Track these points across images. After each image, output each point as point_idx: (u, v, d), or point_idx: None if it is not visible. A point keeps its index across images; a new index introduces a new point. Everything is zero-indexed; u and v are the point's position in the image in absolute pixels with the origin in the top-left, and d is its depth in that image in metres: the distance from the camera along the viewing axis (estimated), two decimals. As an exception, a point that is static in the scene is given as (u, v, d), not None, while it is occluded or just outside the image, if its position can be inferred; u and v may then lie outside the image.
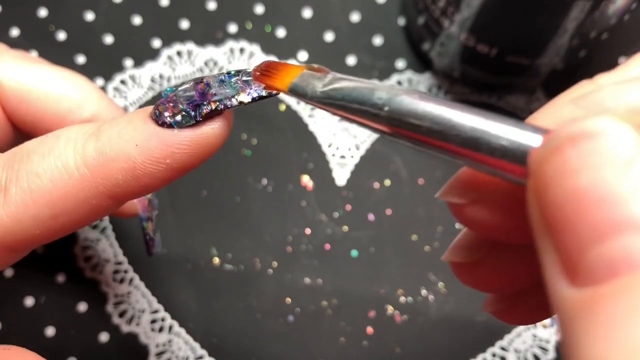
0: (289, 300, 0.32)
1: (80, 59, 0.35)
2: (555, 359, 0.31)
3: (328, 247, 0.33)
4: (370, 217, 0.33)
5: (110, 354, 0.32)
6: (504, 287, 0.18)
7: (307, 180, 0.33)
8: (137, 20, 0.35)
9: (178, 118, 0.17)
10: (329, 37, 0.35)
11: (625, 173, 0.11)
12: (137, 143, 0.17)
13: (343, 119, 0.16)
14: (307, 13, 0.35)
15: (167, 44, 0.35)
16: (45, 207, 0.17)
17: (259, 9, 0.35)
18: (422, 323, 0.32)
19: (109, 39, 0.35)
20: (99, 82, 0.34)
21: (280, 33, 0.35)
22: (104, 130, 0.18)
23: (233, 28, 0.35)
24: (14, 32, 0.35)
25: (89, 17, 0.35)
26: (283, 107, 0.34)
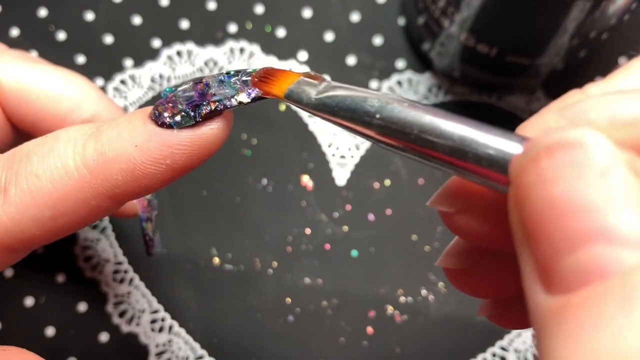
0: (289, 300, 0.32)
1: (80, 59, 0.35)
2: None
3: (328, 247, 0.33)
4: (370, 217, 0.33)
5: (110, 354, 0.32)
6: (496, 292, 0.18)
7: (307, 180, 0.33)
8: (137, 20, 0.35)
9: (177, 118, 0.17)
10: (329, 37, 0.35)
11: (599, 184, 0.11)
12: (136, 144, 0.17)
13: (337, 126, 0.17)
14: (307, 13, 0.35)
15: (167, 44, 0.35)
16: (45, 207, 0.17)
17: (259, 9, 0.35)
18: (422, 323, 0.32)
19: (109, 39, 0.35)
20: (99, 82, 0.34)
21: (280, 33, 0.35)
22: (104, 131, 0.18)
23: (233, 28, 0.35)
24: (14, 32, 0.35)
25: (89, 17, 0.35)
26: (283, 107, 0.34)
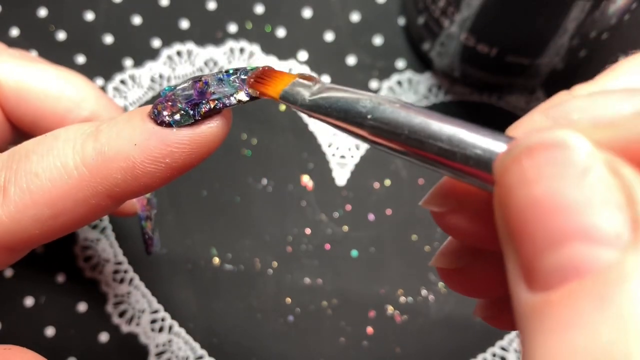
0: (289, 300, 0.32)
1: (80, 59, 0.35)
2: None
3: (328, 247, 0.33)
4: (370, 217, 0.33)
5: (110, 354, 0.32)
6: (490, 292, 0.18)
7: (307, 180, 0.33)
8: (137, 20, 0.35)
9: (177, 117, 0.17)
10: (329, 37, 0.35)
11: (578, 184, 0.12)
12: (135, 142, 0.17)
13: (331, 126, 0.17)
14: (307, 13, 0.35)
15: (167, 44, 0.35)
16: (45, 207, 0.17)
17: (259, 9, 0.35)
18: (422, 323, 0.32)
19: (109, 39, 0.35)
20: (99, 82, 0.34)
21: (280, 33, 0.35)
22: (103, 130, 0.18)
23: (233, 28, 0.35)
24: (14, 32, 0.35)
25: (89, 17, 0.35)
26: (283, 107, 0.34)
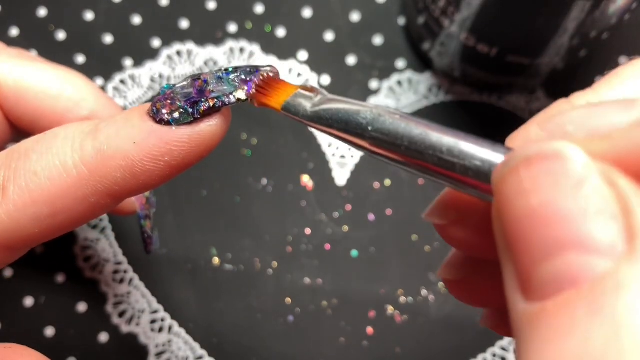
0: (289, 300, 0.32)
1: (80, 59, 0.35)
2: None
3: (328, 247, 0.33)
4: (371, 217, 0.33)
5: (110, 354, 0.32)
6: (495, 302, 0.18)
7: (307, 180, 0.33)
8: (136, 20, 0.35)
9: (176, 115, 0.17)
10: (329, 37, 0.35)
11: (573, 195, 0.12)
12: (135, 141, 0.17)
13: (332, 137, 0.17)
14: (307, 13, 0.35)
15: (166, 44, 0.35)
16: (44, 205, 0.17)
17: (259, 9, 0.35)
18: (422, 323, 0.32)
19: (109, 39, 0.35)
20: (99, 81, 0.34)
21: (280, 33, 0.35)
22: (102, 129, 0.18)
23: (233, 28, 0.35)
24: (14, 31, 0.35)
25: (89, 16, 0.35)
26: (283, 107, 0.34)
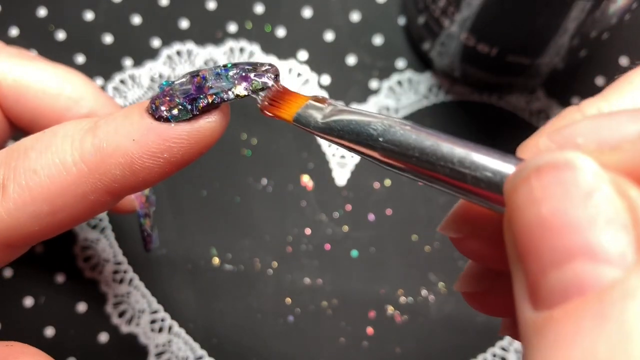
0: (289, 300, 0.32)
1: (80, 59, 0.35)
2: None
3: (328, 247, 0.33)
4: (371, 217, 0.33)
5: (110, 355, 0.32)
6: (515, 312, 0.18)
7: (307, 180, 0.33)
8: (136, 20, 0.35)
9: (175, 112, 0.17)
10: (329, 37, 0.35)
11: (583, 204, 0.12)
12: (134, 138, 0.17)
13: (343, 148, 0.17)
14: (307, 13, 0.35)
15: (166, 44, 0.35)
16: (44, 203, 0.17)
17: (259, 9, 0.35)
18: (422, 323, 0.32)
19: (109, 39, 0.35)
20: (99, 81, 0.34)
21: (280, 33, 0.35)
22: (101, 126, 0.18)
23: (233, 28, 0.35)
24: (14, 31, 0.35)
25: (89, 16, 0.35)
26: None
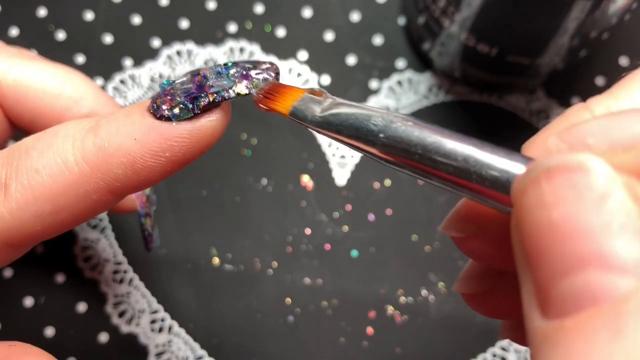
0: (289, 300, 0.32)
1: (80, 59, 0.35)
2: None
3: (328, 247, 0.33)
4: (371, 217, 0.33)
5: (110, 355, 0.32)
6: (515, 314, 0.18)
7: (307, 180, 0.33)
8: (136, 20, 0.35)
9: (176, 111, 0.17)
10: (329, 37, 0.35)
11: (596, 209, 0.11)
12: (135, 137, 0.17)
13: (341, 143, 0.16)
14: (307, 13, 0.35)
15: (166, 44, 0.35)
16: (46, 203, 0.17)
17: (259, 9, 0.35)
18: (422, 323, 0.32)
19: (109, 39, 0.35)
20: (99, 81, 0.34)
21: (280, 33, 0.35)
22: (102, 126, 0.18)
23: (233, 28, 0.35)
24: (14, 31, 0.35)
25: (89, 16, 0.35)
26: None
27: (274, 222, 0.33)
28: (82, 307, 0.32)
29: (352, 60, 0.35)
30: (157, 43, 0.35)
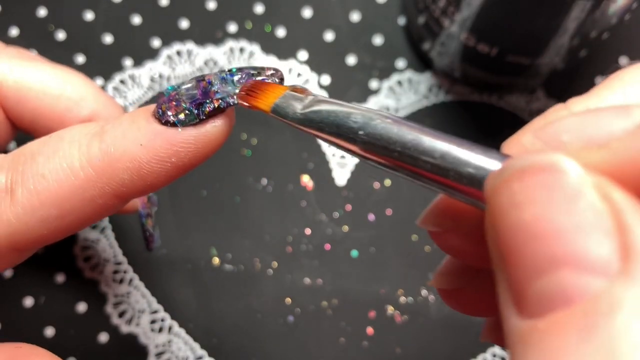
0: (289, 301, 0.32)
1: (80, 59, 0.35)
2: None
3: (328, 247, 0.33)
4: (371, 217, 0.33)
5: (110, 355, 0.32)
6: (492, 311, 0.18)
7: (307, 180, 0.33)
8: (136, 20, 0.35)
9: (181, 117, 0.18)
10: (329, 36, 0.35)
11: (567, 209, 0.11)
12: (141, 143, 0.17)
13: (323, 141, 0.17)
14: (307, 13, 0.35)
15: (166, 44, 0.35)
16: (52, 207, 0.17)
17: (259, 9, 0.35)
18: (422, 323, 0.32)
19: (109, 39, 0.35)
20: (99, 81, 0.34)
21: (280, 33, 0.35)
22: (108, 131, 0.18)
23: (233, 28, 0.35)
24: (14, 31, 0.35)
25: (89, 16, 0.35)
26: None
27: (274, 222, 0.33)
28: (82, 307, 0.32)
29: (352, 60, 0.35)
30: (157, 43, 0.35)
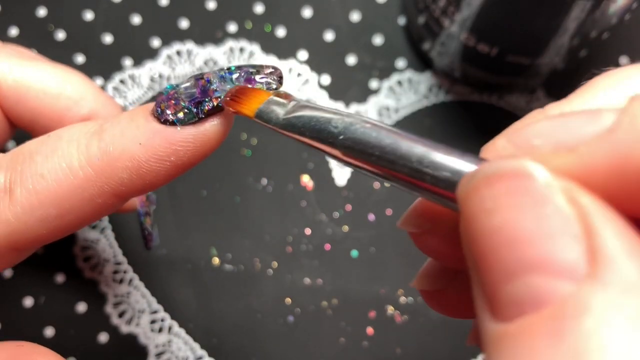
0: (289, 301, 0.32)
1: (80, 59, 0.35)
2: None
3: (328, 247, 0.33)
4: (371, 217, 0.33)
5: (110, 355, 0.32)
6: (472, 314, 0.18)
7: (307, 180, 0.33)
8: (136, 20, 0.35)
9: (180, 115, 0.17)
10: (329, 36, 0.35)
11: (535, 215, 0.11)
12: (140, 142, 0.17)
13: (306, 146, 0.17)
14: (307, 13, 0.35)
15: (166, 44, 0.35)
16: (51, 207, 0.17)
17: (259, 9, 0.35)
18: (422, 323, 0.32)
19: (108, 39, 0.35)
20: (98, 81, 0.34)
21: (280, 33, 0.35)
22: (107, 129, 0.18)
23: (233, 27, 0.35)
24: (13, 31, 0.35)
25: (88, 16, 0.35)
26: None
27: (274, 222, 0.33)
28: (82, 307, 0.32)
29: (352, 60, 0.35)
30: (157, 43, 0.35)
